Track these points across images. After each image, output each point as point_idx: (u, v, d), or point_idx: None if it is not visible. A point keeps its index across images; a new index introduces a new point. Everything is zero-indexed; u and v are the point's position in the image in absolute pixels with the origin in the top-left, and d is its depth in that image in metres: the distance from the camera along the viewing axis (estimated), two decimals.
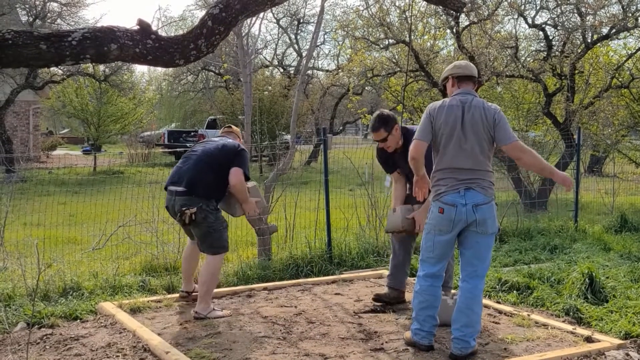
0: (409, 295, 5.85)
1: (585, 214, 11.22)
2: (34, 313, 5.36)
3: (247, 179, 5.71)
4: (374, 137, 5.80)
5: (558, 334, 5.12)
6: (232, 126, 6.25)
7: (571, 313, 5.67)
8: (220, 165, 5.60)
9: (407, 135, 5.62)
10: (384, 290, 6.01)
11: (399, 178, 5.94)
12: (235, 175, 5.56)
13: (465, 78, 4.77)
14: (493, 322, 5.43)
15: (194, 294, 5.97)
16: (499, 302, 6.04)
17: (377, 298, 5.92)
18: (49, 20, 23.10)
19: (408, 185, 5.89)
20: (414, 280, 4.90)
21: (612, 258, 7.77)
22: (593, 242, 8.73)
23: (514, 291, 6.28)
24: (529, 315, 5.53)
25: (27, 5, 22.88)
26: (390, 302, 5.86)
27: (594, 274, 6.12)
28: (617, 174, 13.59)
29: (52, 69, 22.36)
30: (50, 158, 27.27)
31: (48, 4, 23.32)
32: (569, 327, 5.26)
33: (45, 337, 5.04)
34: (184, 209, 5.46)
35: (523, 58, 13.39)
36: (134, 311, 5.63)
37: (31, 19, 22.51)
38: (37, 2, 22.91)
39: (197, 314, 5.45)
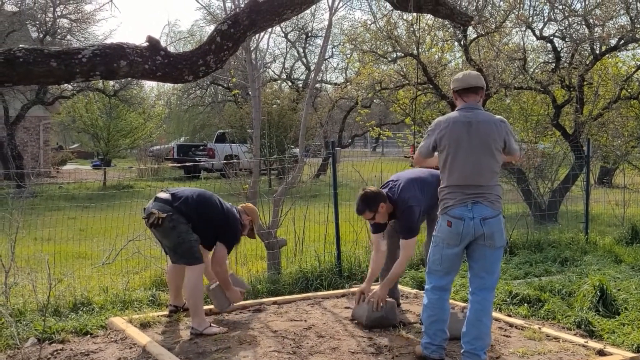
0: (412, 307, 5.86)
1: (596, 225, 11.17)
2: (44, 328, 5.38)
3: (229, 251, 5.82)
4: (363, 218, 5.89)
5: (570, 347, 5.09)
6: (249, 205, 6.23)
7: (583, 326, 5.64)
8: (209, 210, 5.65)
9: (394, 206, 5.70)
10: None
11: (379, 244, 5.95)
12: (217, 254, 5.70)
13: (466, 90, 4.73)
14: (504, 335, 5.40)
15: (186, 306, 5.99)
16: (509, 315, 6.01)
17: None
18: (59, 37, 23.25)
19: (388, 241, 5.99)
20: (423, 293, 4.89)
21: (624, 270, 7.72)
22: (604, 254, 8.68)
23: (525, 304, 6.25)
24: (540, 328, 5.51)
25: (37, 22, 23.06)
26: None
27: (605, 287, 6.09)
28: (628, 185, 13.52)
29: (62, 84, 22.48)
30: (61, 173, 27.41)
31: (58, 20, 23.50)
32: (581, 340, 5.23)
33: (56, 353, 5.05)
34: (153, 210, 5.46)
35: (531, 70, 13.38)
36: (144, 326, 5.64)
37: (41, 36, 22.67)
38: (47, 19, 23.08)
39: (193, 330, 5.45)
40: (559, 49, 13.04)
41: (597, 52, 12.58)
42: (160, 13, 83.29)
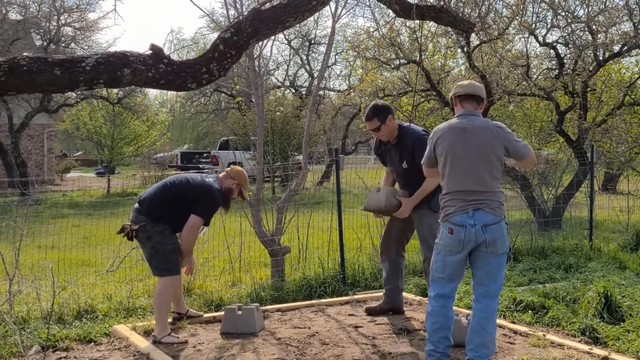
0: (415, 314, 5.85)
1: (600, 232, 11.14)
2: (48, 336, 5.38)
3: (205, 221, 5.64)
4: (368, 127, 6.05)
5: (574, 354, 5.07)
6: (234, 168, 6.01)
7: (587, 333, 5.62)
8: (178, 195, 5.59)
9: (403, 132, 5.93)
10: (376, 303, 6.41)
11: (389, 174, 6.31)
12: (187, 225, 5.52)
13: (467, 97, 4.75)
14: (508, 342, 5.39)
15: (189, 313, 6.03)
16: (513, 322, 5.99)
17: (370, 311, 6.28)
18: (63, 45, 23.36)
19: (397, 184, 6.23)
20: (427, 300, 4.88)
21: (628, 277, 7.69)
22: (608, 260, 8.65)
23: (529, 311, 6.23)
24: (544, 335, 5.49)
25: (41, 30, 23.16)
26: (383, 313, 6.22)
27: (609, 293, 6.07)
28: (632, 191, 13.49)
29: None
30: (65, 180, 27.46)
31: (62, 28, 23.59)
32: (586, 347, 5.21)
33: None
34: (127, 223, 5.52)
35: (535, 76, 13.38)
36: (147, 334, 5.63)
37: (45, 44, 22.76)
38: (52, 27, 23.18)
39: (153, 337, 5.46)
40: (562, 56, 13.04)
41: (601, 58, 12.58)
42: (164, 21, 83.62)
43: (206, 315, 6.19)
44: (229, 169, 6.05)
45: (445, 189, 4.66)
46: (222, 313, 5.95)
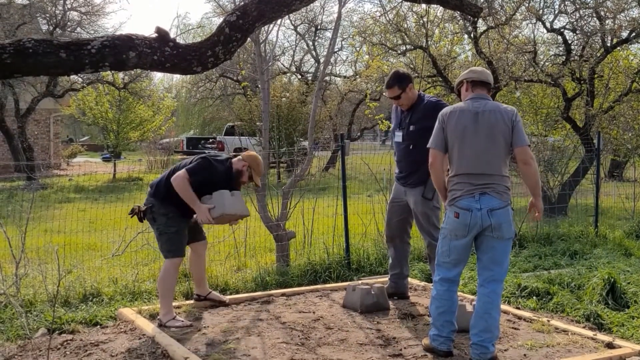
0: (419, 299, 5.86)
1: (606, 219, 11.13)
2: (54, 319, 5.41)
3: (192, 186, 5.42)
4: (388, 95, 6.03)
5: (578, 339, 5.08)
6: (249, 153, 5.84)
7: (592, 319, 5.63)
8: (179, 167, 5.58)
9: (421, 98, 5.98)
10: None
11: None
12: (175, 175, 5.44)
13: (480, 83, 4.77)
14: (512, 327, 5.40)
15: (209, 296, 6.01)
16: (518, 308, 6.00)
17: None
18: (69, 29, 23.29)
19: (397, 166, 6.21)
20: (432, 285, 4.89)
21: (633, 263, 7.70)
22: (614, 247, 8.65)
23: (534, 297, 6.24)
24: (548, 321, 5.50)
25: (47, 15, 23.09)
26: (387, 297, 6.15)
27: (614, 280, 6.08)
28: (638, 178, 13.45)
29: (72, 77, 22.54)
30: (71, 165, 27.52)
31: (68, 13, 23.53)
32: (590, 333, 5.21)
33: (65, 343, 5.08)
34: (135, 205, 5.63)
35: (542, 62, 13.32)
36: (153, 317, 5.66)
37: (51, 28, 22.71)
38: (57, 12, 23.12)
39: (159, 321, 5.48)
40: (569, 42, 12.97)
41: (608, 44, 12.51)
42: (170, 6, 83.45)
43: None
44: (244, 153, 5.90)
45: (454, 171, 4.66)
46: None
